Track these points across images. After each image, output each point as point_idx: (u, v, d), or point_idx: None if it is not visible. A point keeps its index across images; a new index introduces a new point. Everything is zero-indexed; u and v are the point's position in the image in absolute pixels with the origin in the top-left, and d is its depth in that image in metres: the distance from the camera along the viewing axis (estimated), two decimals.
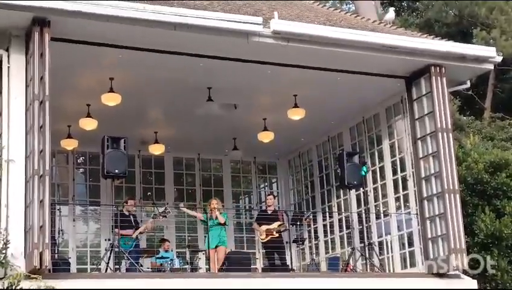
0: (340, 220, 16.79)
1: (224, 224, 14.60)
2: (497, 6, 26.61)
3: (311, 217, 16.70)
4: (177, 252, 15.38)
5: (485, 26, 27.19)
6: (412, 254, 14.49)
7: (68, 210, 16.48)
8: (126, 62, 12.49)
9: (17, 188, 10.52)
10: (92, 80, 13.26)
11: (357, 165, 14.54)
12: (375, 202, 15.89)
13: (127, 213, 14.69)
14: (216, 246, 14.32)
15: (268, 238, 15.02)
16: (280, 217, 15.26)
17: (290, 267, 14.97)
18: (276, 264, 14.94)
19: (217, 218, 14.43)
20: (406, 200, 14.80)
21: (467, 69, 13.75)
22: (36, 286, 9.60)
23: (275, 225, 14.99)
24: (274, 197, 16.23)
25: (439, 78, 13.30)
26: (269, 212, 15.43)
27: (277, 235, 14.99)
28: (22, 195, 10.51)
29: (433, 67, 13.29)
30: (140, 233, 14.86)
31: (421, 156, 13.52)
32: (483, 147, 17.84)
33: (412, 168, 14.11)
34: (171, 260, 14.07)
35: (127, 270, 13.12)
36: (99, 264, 14.35)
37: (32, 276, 9.73)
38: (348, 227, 16.17)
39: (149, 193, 17.97)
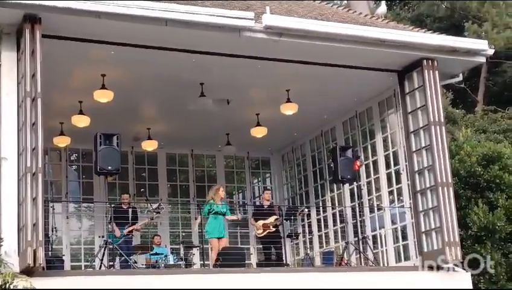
0: (334, 215, 16.81)
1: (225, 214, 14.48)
2: None
3: (305, 211, 16.69)
4: (171, 248, 15.36)
5: (477, 20, 27.22)
6: (406, 247, 14.52)
7: (61, 207, 16.46)
8: (118, 58, 12.45)
9: (9, 186, 10.50)
10: (84, 76, 13.23)
11: (350, 159, 14.55)
12: (368, 195, 15.91)
13: (125, 207, 14.73)
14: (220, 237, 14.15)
15: (266, 232, 15.02)
16: (276, 212, 15.25)
17: (285, 261, 14.97)
18: (272, 259, 14.93)
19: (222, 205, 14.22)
20: (400, 193, 14.83)
21: (459, 62, 13.76)
22: (22, 285, 9.54)
23: (272, 219, 14.97)
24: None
25: (431, 71, 13.31)
26: (265, 207, 15.42)
27: (274, 229, 14.98)
28: (15, 193, 10.49)
29: (425, 61, 13.30)
30: (136, 230, 14.84)
31: (414, 149, 13.54)
32: (475, 140, 17.85)
33: (405, 161, 14.13)
34: (165, 256, 14.05)
35: (121, 266, 13.10)
36: (93, 261, 14.33)
37: (20, 276, 9.65)
38: (341, 221, 16.20)
39: (142, 189, 17.96)
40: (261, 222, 15.05)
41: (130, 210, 14.94)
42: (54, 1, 10.54)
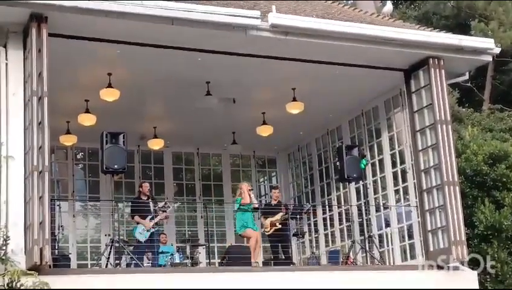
0: (340, 213, 16.80)
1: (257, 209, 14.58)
2: None
3: (310, 209, 16.68)
4: (177, 246, 15.36)
5: (483, 18, 27.16)
6: (412, 246, 14.50)
7: (68, 206, 16.49)
8: (124, 57, 12.48)
9: (16, 185, 10.52)
10: (91, 75, 13.25)
11: (356, 158, 14.54)
12: (374, 194, 15.90)
13: (144, 198, 14.38)
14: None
15: (273, 230, 15.03)
16: (283, 209, 15.23)
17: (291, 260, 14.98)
18: (279, 258, 14.95)
19: (250, 202, 14.34)
20: (406, 192, 14.81)
21: (465, 61, 13.73)
22: (32, 282, 9.58)
23: (278, 216, 14.97)
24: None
25: (437, 70, 13.29)
26: (273, 204, 15.41)
27: (280, 226, 14.95)
28: (22, 191, 10.52)
29: (431, 60, 13.26)
30: (156, 224, 14.53)
31: (420, 148, 13.51)
32: (482, 138, 17.82)
33: (412, 160, 14.11)
34: (172, 254, 14.05)
35: (128, 265, 13.11)
36: (100, 260, 14.35)
37: (29, 272, 9.70)
38: (347, 220, 16.19)
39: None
40: (268, 220, 15.07)
41: (151, 202, 14.47)
42: (60, 0, 10.54)
